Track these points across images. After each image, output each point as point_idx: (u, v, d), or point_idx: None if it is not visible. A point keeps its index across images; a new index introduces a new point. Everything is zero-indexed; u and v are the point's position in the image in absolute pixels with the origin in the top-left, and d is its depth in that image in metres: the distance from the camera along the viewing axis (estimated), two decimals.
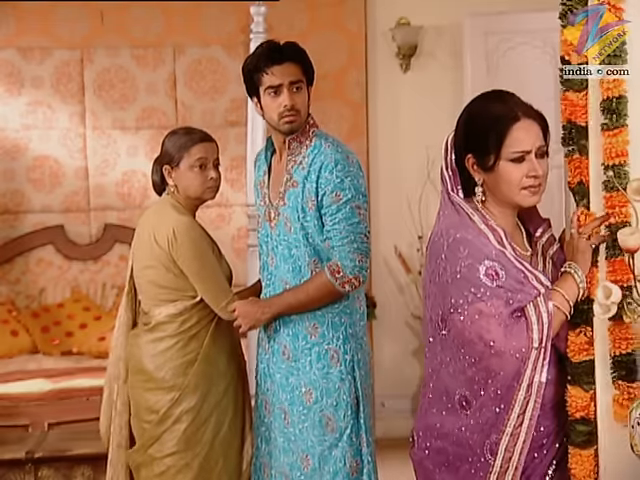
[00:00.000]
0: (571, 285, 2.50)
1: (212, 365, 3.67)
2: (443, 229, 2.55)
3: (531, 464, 2.53)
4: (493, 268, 2.47)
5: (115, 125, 6.63)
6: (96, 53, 6.60)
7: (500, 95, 2.59)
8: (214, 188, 3.71)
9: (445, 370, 2.57)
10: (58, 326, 6.33)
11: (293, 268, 3.40)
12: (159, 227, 3.65)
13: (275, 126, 3.41)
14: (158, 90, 6.64)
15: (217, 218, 6.57)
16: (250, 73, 3.39)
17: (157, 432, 3.66)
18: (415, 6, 6.51)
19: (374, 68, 6.63)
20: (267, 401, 3.52)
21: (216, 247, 3.76)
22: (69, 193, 6.64)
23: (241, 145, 6.48)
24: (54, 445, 4.47)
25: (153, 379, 3.68)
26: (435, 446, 2.59)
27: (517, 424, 2.47)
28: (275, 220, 3.44)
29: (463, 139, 2.59)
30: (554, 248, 2.65)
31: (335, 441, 3.39)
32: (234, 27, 6.59)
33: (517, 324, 2.45)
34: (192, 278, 3.61)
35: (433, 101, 6.55)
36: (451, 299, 2.50)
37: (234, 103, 6.63)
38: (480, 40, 6.26)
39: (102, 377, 5.50)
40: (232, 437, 3.72)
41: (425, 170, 6.43)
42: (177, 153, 3.67)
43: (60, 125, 6.61)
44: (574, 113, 2.46)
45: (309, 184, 3.36)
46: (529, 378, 2.45)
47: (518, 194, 2.53)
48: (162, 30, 6.61)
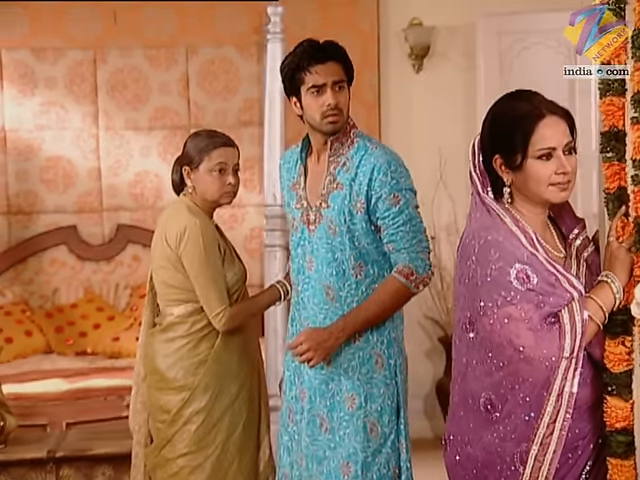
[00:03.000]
0: (607, 295, 2.47)
1: (223, 366, 3.66)
2: (474, 231, 2.54)
3: (565, 465, 2.51)
4: (524, 271, 2.45)
5: (128, 125, 6.64)
6: (109, 53, 6.60)
7: (524, 94, 2.58)
8: (231, 193, 3.70)
9: (472, 373, 2.55)
10: (72, 326, 6.34)
11: (337, 272, 3.32)
12: (171, 227, 3.66)
13: (316, 126, 3.31)
14: (171, 90, 6.65)
15: (230, 218, 6.57)
16: (291, 72, 3.30)
17: (169, 433, 3.66)
18: (428, 6, 6.49)
19: (386, 69, 6.63)
20: (292, 409, 3.44)
21: (230, 249, 3.76)
22: (82, 193, 6.65)
23: (254, 146, 6.50)
24: (74, 445, 4.46)
25: (165, 379, 3.68)
26: (465, 452, 2.58)
27: (547, 433, 2.45)
28: (316, 223, 3.36)
29: (489, 140, 2.58)
30: (589, 250, 2.63)
31: (379, 447, 3.32)
32: (247, 27, 6.59)
33: (550, 331, 2.43)
34: (192, 280, 3.61)
35: (446, 102, 6.54)
36: (480, 302, 2.48)
37: (247, 103, 6.64)
38: (493, 40, 6.25)
39: (117, 377, 5.61)
40: (247, 438, 3.71)
41: (438, 171, 6.43)
42: (198, 155, 3.67)
43: (73, 125, 6.62)
44: (616, 118, 2.45)
45: (357, 187, 3.29)
46: (559, 388, 2.43)
47: (547, 191, 2.52)
48: (175, 30, 6.61)
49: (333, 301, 3.33)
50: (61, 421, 5.03)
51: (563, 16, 6.45)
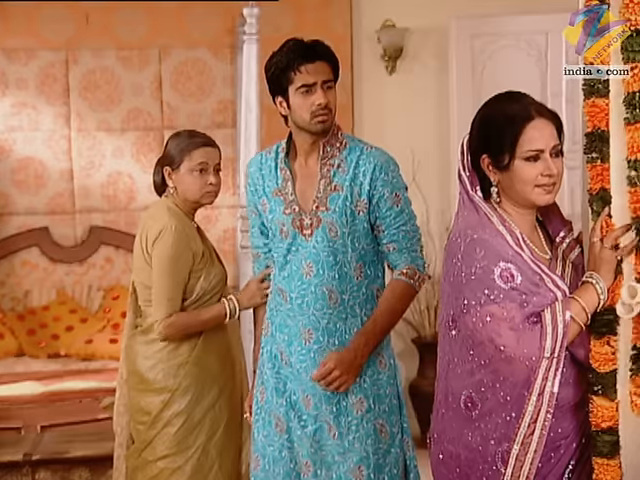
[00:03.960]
0: (591, 296, 2.48)
1: (204, 368, 3.66)
2: (461, 229, 2.56)
3: (547, 464, 2.52)
4: (508, 270, 2.47)
5: (100, 127, 6.60)
6: (81, 54, 6.57)
7: (514, 95, 2.60)
8: (213, 193, 3.70)
9: (453, 370, 2.57)
10: (44, 329, 6.30)
11: (339, 275, 3.27)
12: (150, 228, 3.66)
13: (305, 126, 3.25)
14: (144, 92, 6.62)
15: (203, 220, 6.53)
16: (279, 71, 3.25)
17: (149, 435, 3.65)
18: (401, 8, 6.51)
19: (360, 70, 6.64)
20: (280, 418, 3.34)
21: (211, 250, 3.76)
22: (54, 195, 6.61)
23: (227, 147, 6.46)
24: (50, 447, 4.45)
25: (145, 381, 3.67)
26: (448, 450, 2.60)
27: (528, 433, 2.47)
28: (312, 228, 3.29)
29: (478, 140, 2.60)
30: (575, 252, 2.65)
31: (388, 447, 3.30)
32: (220, 29, 6.58)
33: (531, 331, 2.44)
34: (153, 280, 3.62)
35: (418, 103, 6.56)
36: (464, 300, 2.50)
37: (220, 105, 6.63)
38: (466, 42, 6.29)
39: (92, 380, 5.60)
40: (228, 441, 3.71)
41: (410, 172, 6.44)
42: (178, 155, 3.67)
43: (45, 127, 6.58)
44: (599, 119, 2.46)
45: (357, 187, 3.26)
46: (540, 387, 2.45)
47: (532, 192, 2.54)
48: (147, 32, 6.59)
49: (336, 305, 3.28)
50: (36, 424, 5.00)
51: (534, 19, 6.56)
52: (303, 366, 3.31)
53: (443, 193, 6.51)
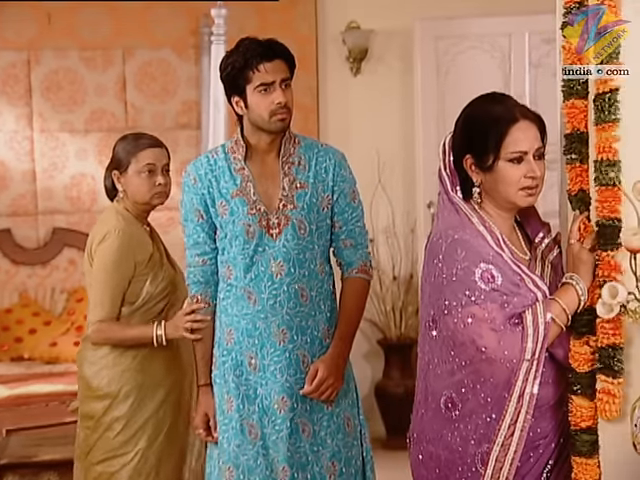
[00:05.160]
0: (572, 297, 2.49)
1: (147, 374, 3.63)
2: (442, 230, 2.56)
3: (526, 464, 2.53)
4: (489, 271, 2.47)
5: (63, 127, 6.55)
6: (43, 55, 6.51)
7: (498, 97, 2.61)
8: (163, 194, 3.68)
9: (433, 371, 2.58)
10: (7, 332, 6.24)
11: (309, 272, 3.29)
12: (96, 232, 3.65)
13: (264, 125, 3.24)
14: (107, 92, 6.57)
15: (167, 221, 6.51)
16: (236, 70, 3.22)
17: (92, 439, 3.64)
18: (365, 10, 6.51)
19: (324, 72, 6.64)
20: (253, 425, 3.30)
21: (161, 254, 3.71)
22: (16, 196, 6.55)
23: (192, 148, 6.46)
24: (18, 451, 4.40)
25: (90, 386, 3.65)
26: (427, 451, 2.60)
27: (508, 434, 2.48)
28: (280, 227, 3.28)
29: (462, 139, 2.60)
30: (554, 253, 2.66)
31: (353, 440, 3.35)
32: (184, 29, 6.55)
33: (512, 333, 2.45)
34: (92, 281, 3.60)
35: (383, 105, 6.57)
36: (445, 300, 2.50)
37: (185, 106, 6.59)
38: (430, 44, 6.31)
39: (58, 383, 5.54)
40: (170, 447, 3.66)
41: (376, 174, 6.47)
42: (125, 158, 3.66)
43: (7, 127, 6.52)
44: (578, 120, 2.47)
45: (321, 184, 3.31)
46: (520, 389, 2.46)
47: (515, 194, 2.55)
48: (111, 32, 6.54)
49: (307, 302, 3.30)
50: (1, 428, 4.94)
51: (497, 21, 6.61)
52: (278, 367, 3.29)
53: (408, 194, 6.53)
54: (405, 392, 6.30)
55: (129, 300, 3.62)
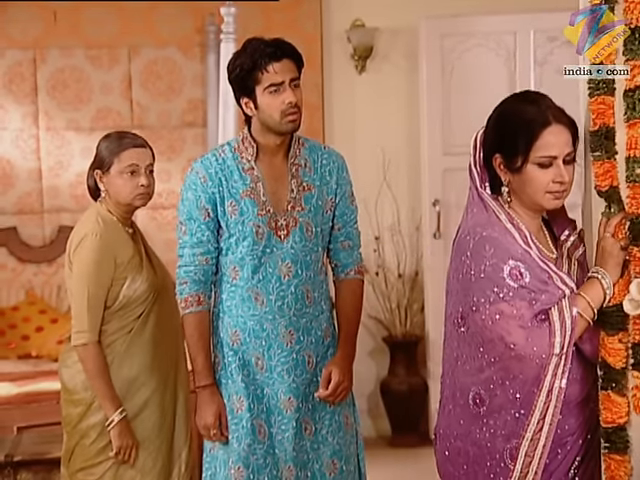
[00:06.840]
0: (597, 291, 2.50)
1: (124, 380, 3.55)
2: (470, 227, 2.57)
3: (554, 460, 2.55)
4: (517, 268, 2.48)
5: (69, 126, 6.55)
6: (49, 53, 6.51)
7: (533, 97, 2.59)
8: (145, 195, 3.60)
9: (461, 367, 2.59)
10: (14, 329, 6.23)
11: (314, 274, 3.32)
12: (74, 235, 3.58)
13: (274, 126, 3.24)
14: (113, 91, 6.57)
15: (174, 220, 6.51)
16: (244, 72, 3.21)
17: (70, 445, 3.60)
18: (370, 8, 6.52)
19: (330, 70, 6.65)
20: (262, 424, 3.31)
21: (142, 256, 3.62)
22: (22, 195, 6.55)
23: (198, 146, 6.47)
24: (31, 448, 4.39)
25: (67, 390, 3.62)
26: (454, 447, 2.62)
27: (537, 429, 2.50)
28: (288, 228, 3.29)
29: (492, 138, 2.60)
30: (580, 250, 2.67)
31: (351, 438, 3.40)
32: (190, 28, 6.55)
33: (540, 329, 2.46)
34: (72, 287, 3.53)
35: (388, 103, 6.58)
36: (473, 297, 2.51)
37: (191, 104, 6.60)
38: (435, 42, 6.32)
39: None
40: (154, 454, 3.60)
41: (381, 172, 6.48)
42: (108, 158, 3.57)
43: (13, 126, 6.52)
44: (608, 117, 2.47)
45: (325, 187, 3.32)
46: (549, 384, 2.48)
47: (542, 198, 2.55)
48: (116, 30, 6.54)
49: (311, 303, 3.33)
50: (12, 425, 4.94)
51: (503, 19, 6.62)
52: (285, 368, 3.31)
53: (413, 192, 6.54)
54: (410, 389, 6.33)
55: (107, 303, 3.53)
